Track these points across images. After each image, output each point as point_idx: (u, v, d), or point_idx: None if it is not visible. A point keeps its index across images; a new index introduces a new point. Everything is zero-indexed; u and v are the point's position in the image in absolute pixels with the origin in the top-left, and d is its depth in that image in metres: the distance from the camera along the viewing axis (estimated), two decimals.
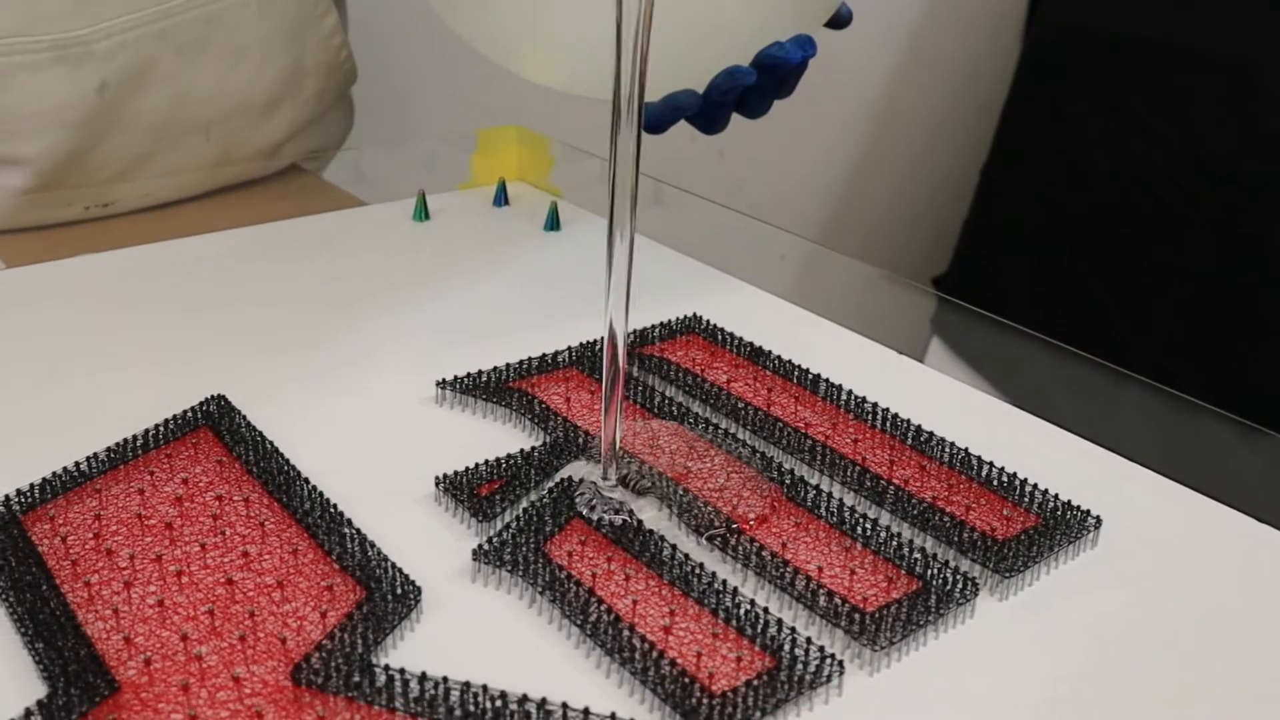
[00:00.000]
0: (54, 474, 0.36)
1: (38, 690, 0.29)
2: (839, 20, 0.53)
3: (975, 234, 1.19)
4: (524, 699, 0.28)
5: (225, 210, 0.66)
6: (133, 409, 0.40)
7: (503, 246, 0.57)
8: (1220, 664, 0.32)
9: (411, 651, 0.30)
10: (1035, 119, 1.11)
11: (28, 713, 0.27)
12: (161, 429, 0.38)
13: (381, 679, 0.28)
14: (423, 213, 0.59)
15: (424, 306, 0.50)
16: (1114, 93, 1.03)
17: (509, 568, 0.33)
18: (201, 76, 0.64)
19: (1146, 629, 0.33)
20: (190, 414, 0.39)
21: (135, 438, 0.38)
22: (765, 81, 0.49)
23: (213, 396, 0.40)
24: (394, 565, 0.32)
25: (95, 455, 0.37)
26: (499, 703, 0.28)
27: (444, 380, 0.43)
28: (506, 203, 0.61)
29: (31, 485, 0.35)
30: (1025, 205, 1.11)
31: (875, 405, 0.42)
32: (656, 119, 0.50)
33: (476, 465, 0.37)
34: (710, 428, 0.40)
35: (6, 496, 0.35)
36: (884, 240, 1.35)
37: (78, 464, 0.36)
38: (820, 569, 0.34)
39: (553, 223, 0.58)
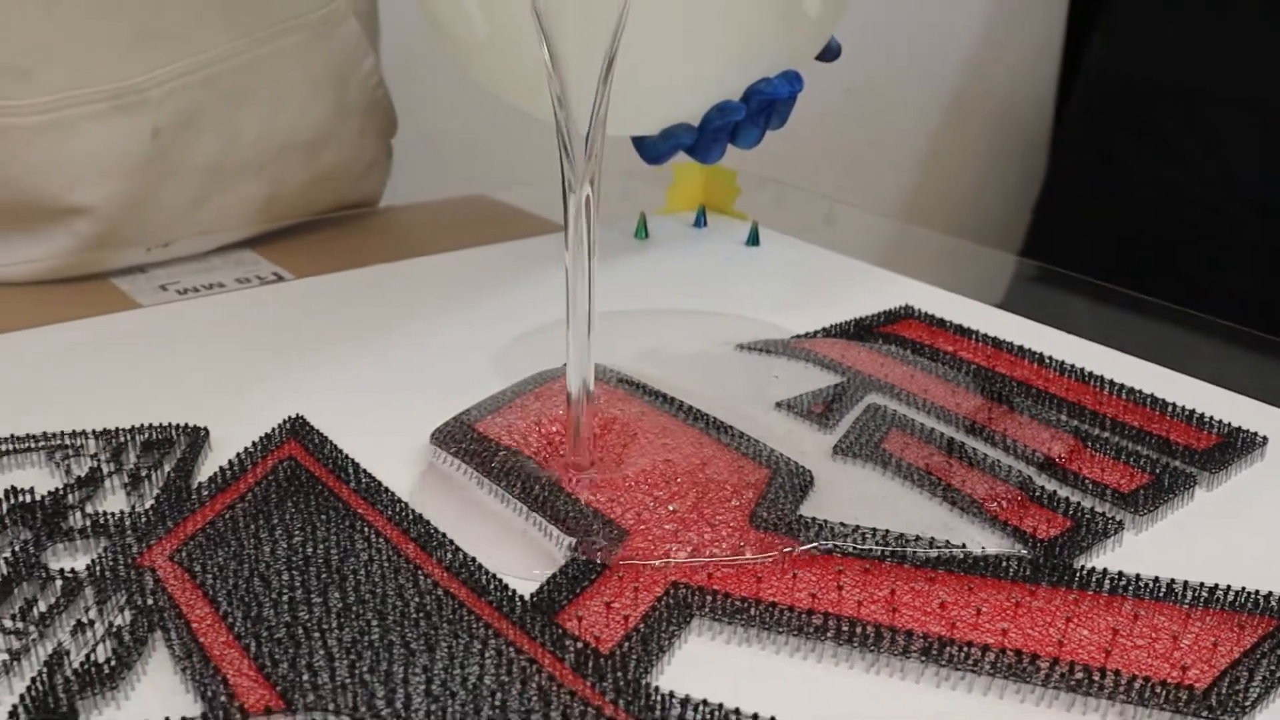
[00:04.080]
0: (486, 399, 0.47)
1: (552, 544, 0.40)
2: (829, 53, 0.56)
3: None
4: (917, 538, 0.39)
5: (433, 233, 0.77)
6: (492, 366, 0.51)
7: (714, 258, 0.69)
8: None
9: (815, 513, 0.41)
10: (1084, 160, 1.25)
11: (572, 551, 0.38)
12: (546, 373, 0.50)
13: (814, 528, 0.40)
14: (643, 231, 0.70)
15: (690, 297, 0.62)
16: (1156, 134, 1.17)
17: (863, 458, 0.44)
18: (249, 119, 0.67)
19: None
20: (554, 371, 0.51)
21: (531, 379, 0.49)
22: (755, 115, 0.52)
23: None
24: (785, 456, 0.44)
25: (503, 392, 0.48)
26: (900, 540, 0.39)
27: (741, 344, 0.54)
28: (705, 224, 0.73)
29: (467, 410, 0.47)
30: (1077, 239, 1.24)
31: (1073, 365, 0.54)
32: (655, 151, 0.53)
33: (805, 393, 0.49)
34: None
35: (461, 413, 0.46)
36: (946, 272, 1.48)
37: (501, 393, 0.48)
38: (1079, 468, 0.45)
39: (753, 239, 0.70)
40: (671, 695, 0.32)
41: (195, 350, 0.56)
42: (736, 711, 0.31)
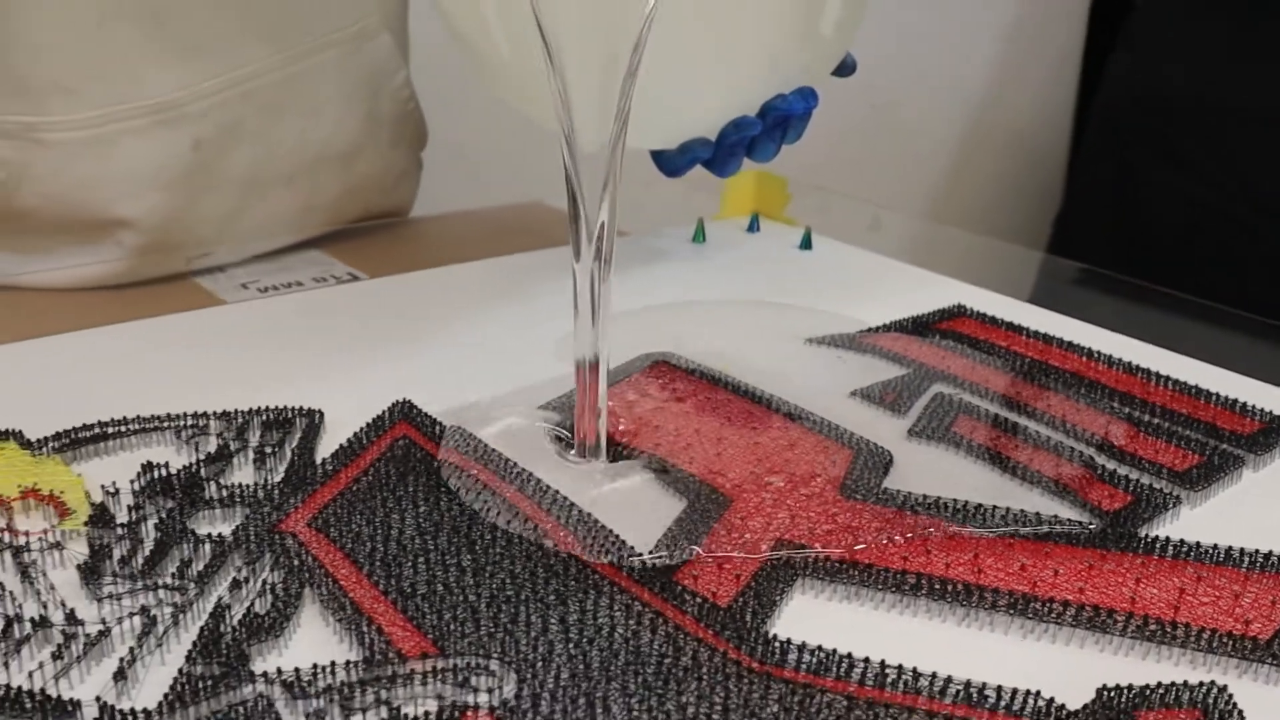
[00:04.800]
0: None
1: (671, 506, 0.43)
2: (844, 69, 0.57)
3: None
4: (995, 508, 0.42)
5: (495, 236, 0.80)
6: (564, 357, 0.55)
7: (770, 260, 0.72)
8: None
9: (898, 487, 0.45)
10: (1105, 172, 1.29)
11: (684, 520, 0.42)
12: (634, 363, 0.53)
13: (899, 496, 0.43)
14: (701, 236, 0.74)
15: (751, 297, 0.66)
16: (1175, 147, 1.20)
17: (935, 440, 0.48)
18: (285, 132, 0.69)
19: None
20: (645, 356, 0.54)
21: (621, 368, 0.53)
22: (771, 130, 0.53)
23: (655, 353, 0.55)
24: (864, 438, 0.47)
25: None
26: (979, 510, 0.42)
27: (812, 338, 0.58)
28: (758, 229, 0.76)
29: (569, 391, 0.50)
30: (1097, 249, 1.28)
31: (1120, 358, 0.57)
32: (673, 165, 0.54)
33: (876, 383, 0.52)
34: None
35: (565, 394, 0.50)
36: (974, 272, 1.53)
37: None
38: (1136, 450, 0.49)
39: (806, 242, 0.73)
40: (789, 642, 0.35)
41: (286, 343, 0.59)
42: (849, 656, 0.35)
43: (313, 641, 0.37)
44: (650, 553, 0.39)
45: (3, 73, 0.62)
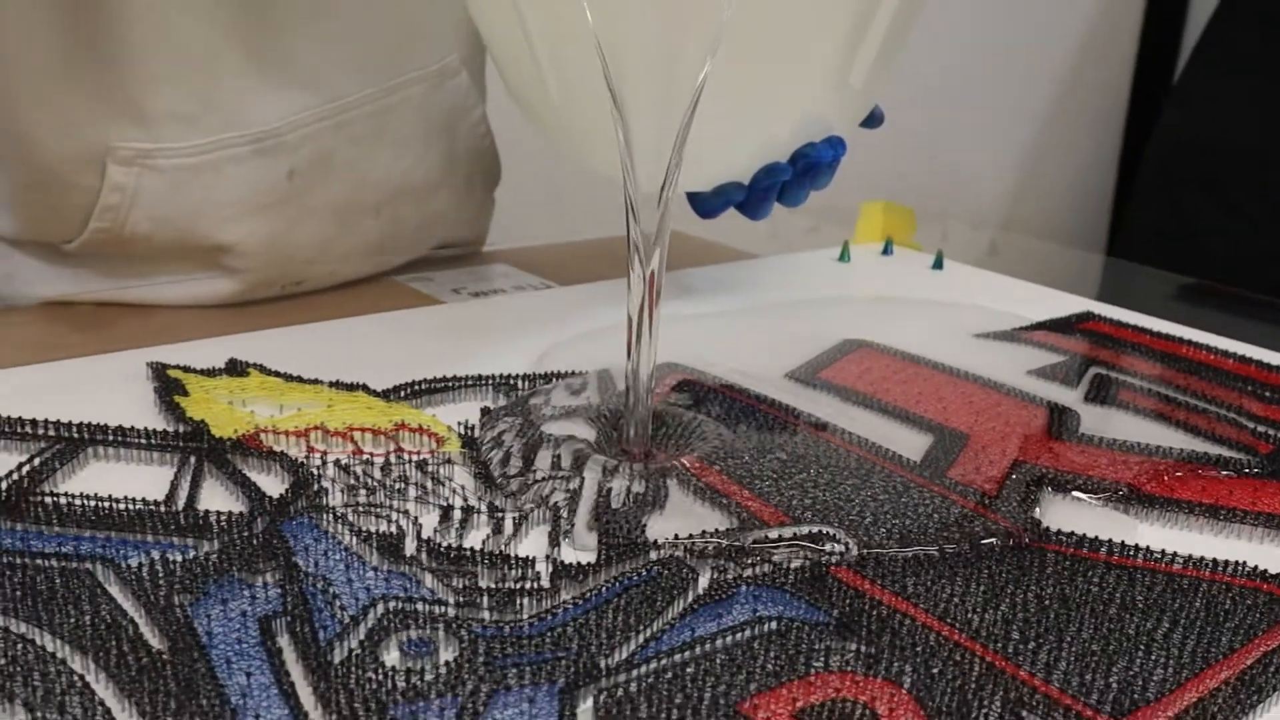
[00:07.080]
0: (814, 358, 0.62)
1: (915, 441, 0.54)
2: (873, 120, 0.60)
3: None
4: (1171, 448, 0.54)
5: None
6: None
7: (910, 278, 0.84)
8: None
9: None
10: (1157, 212, 1.42)
11: (937, 446, 0.53)
12: (838, 348, 0.65)
13: (1095, 439, 0.54)
14: (846, 256, 0.86)
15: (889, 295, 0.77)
16: (1221, 189, 1.34)
17: (1108, 404, 0.59)
18: (373, 164, 0.73)
19: None
20: (845, 342, 0.66)
21: (836, 348, 0.64)
22: (801, 176, 0.56)
23: (852, 341, 0.67)
24: (1051, 399, 0.59)
25: (826, 352, 0.63)
26: (1159, 447, 0.54)
27: (978, 333, 0.69)
28: (892, 253, 0.88)
29: (807, 361, 0.61)
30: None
31: (1236, 353, 0.69)
32: (708, 206, 0.57)
33: (1047, 364, 0.64)
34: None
35: (805, 363, 0.61)
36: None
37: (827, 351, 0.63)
38: (1268, 414, 0.60)
39: (938, 263, 0.85)
40: (1049, 527, 0.47)
41: (524, 330, 0.69)
42: (1097, 537, 0.46)
43: (678, 517, 0.47)
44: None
45: (121, 101, 0.66)
